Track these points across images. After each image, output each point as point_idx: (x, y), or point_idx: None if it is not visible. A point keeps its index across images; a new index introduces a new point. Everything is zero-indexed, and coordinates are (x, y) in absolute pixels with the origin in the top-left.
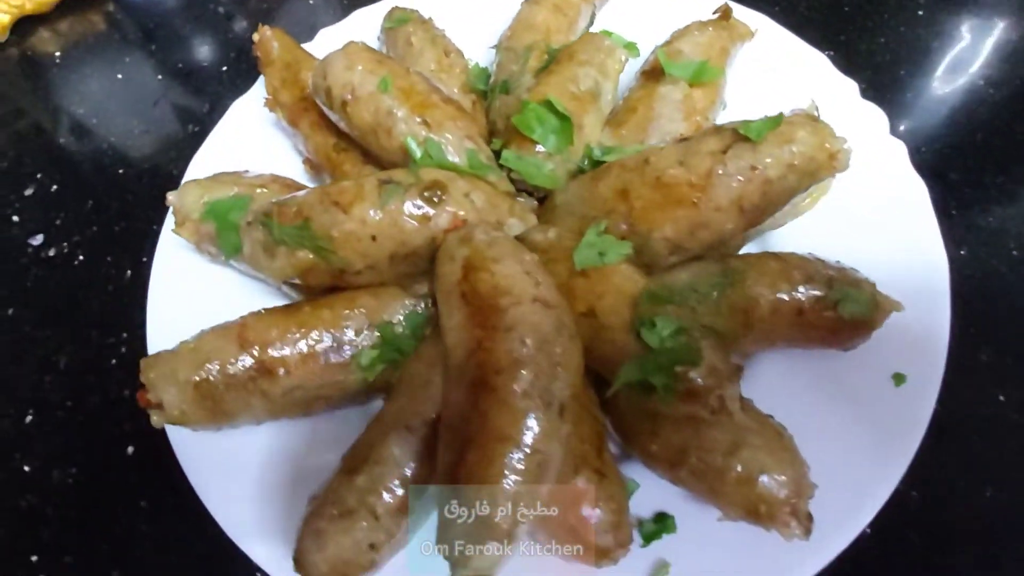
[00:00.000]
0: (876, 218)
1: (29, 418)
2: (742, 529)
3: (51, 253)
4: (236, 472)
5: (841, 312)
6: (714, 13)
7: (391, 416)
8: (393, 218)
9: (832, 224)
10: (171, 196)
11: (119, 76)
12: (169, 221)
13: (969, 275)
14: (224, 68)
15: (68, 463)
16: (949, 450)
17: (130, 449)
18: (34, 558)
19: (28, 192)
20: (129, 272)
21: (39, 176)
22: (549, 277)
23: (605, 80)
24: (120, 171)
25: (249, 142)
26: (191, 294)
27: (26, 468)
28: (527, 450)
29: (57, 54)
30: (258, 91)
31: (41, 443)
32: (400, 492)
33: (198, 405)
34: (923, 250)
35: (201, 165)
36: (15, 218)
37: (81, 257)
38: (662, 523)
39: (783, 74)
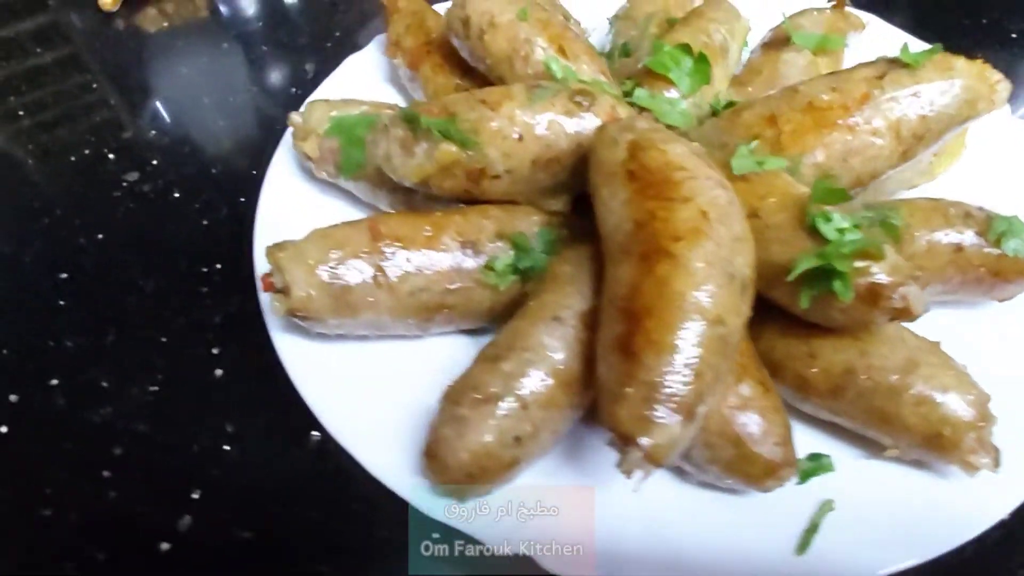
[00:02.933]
0: (1010, 187)
1: (110, 337)
2: (907, 467)
3: (145, 188)
4: (344, 381)
5: (1004, 248)
6: (829, 1)
7: (536, 309)
8: (541, 118)
9: (963, 192)
10: (295, 115)
11: (224, 45)
12: (282, 152)
13: None
14: (328, 44)
15: (148, 381)
16: None
17: (218, 372)
18: (106, 473)
19: (127, 135)
20: (225, 210)
21: (139, 123)
22: (715, 166)
23: (732, 40)
24: (220, 123)
25: (361, 92)
26: (299, 219)
27: (103, 384)
28: (710, 319)
29: (165, 24)
30: (371, 51)
31: (121, 361)
32: (550, 383)
33: (324, 292)
34: None
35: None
36: (111, 156)
37: (176, 194)
38: (817, 461)
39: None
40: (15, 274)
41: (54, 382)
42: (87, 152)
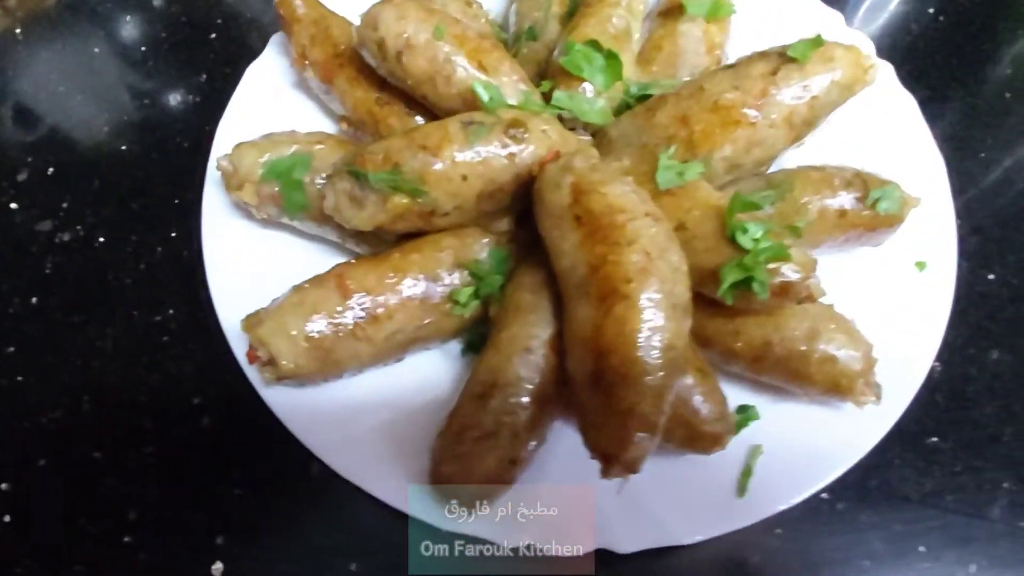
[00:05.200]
0: (873, 133)
1: (86, 405)
2: (816, 407)
3: (66, 238)
4: (337, 419)
5: (878, 210)
6: None
7: (506, 343)
8: (482, 157)
9: (833, 144)
10: (223, 161)
11: (96, 50)
12: (211, 190)
13: None
14: (213, 35)
15: (141, 443)
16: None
17: (205, 420)
18: (127, 539)
19: (21, 177)
20: (160, 249)
21: (29, 159)
22: (647, 195)
23: (633, 20)
24: (123, 147)
25: (273, 107)
26: (248, 259)
27: (96, 455)
28: (664, 347)
29: (17, 31)
30: (271, 55)
31: (105, 428)
32: (532, 409)
33: (310, 357)
34: (920, 155)
35: (229, 132)
36: (13, 205)
37: (101, 239)
38: (746, 412)
39: (774, 10)
40: None
41: (42, 463)
42: None
